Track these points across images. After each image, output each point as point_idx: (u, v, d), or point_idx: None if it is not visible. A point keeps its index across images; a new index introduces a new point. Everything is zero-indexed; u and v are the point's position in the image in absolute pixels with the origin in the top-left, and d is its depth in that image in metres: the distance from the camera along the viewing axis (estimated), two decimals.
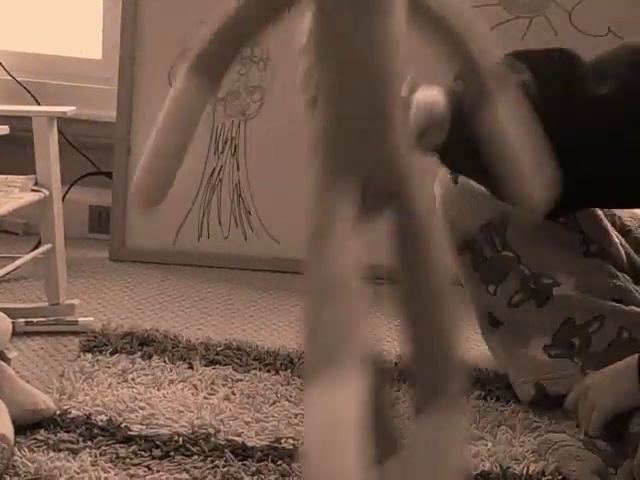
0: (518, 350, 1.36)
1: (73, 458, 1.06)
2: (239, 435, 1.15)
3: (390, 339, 1.47)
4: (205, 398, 1.27)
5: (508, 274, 1.37)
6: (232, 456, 1.09)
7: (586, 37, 2.04)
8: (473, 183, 1.29)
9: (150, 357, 1.40)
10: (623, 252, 1.41)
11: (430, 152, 1.09)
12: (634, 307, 1.33)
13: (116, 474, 1.05)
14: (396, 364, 1.41)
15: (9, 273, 1.61)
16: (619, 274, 1.37)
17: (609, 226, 1.41)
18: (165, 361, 1.39)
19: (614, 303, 1.33)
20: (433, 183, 1.40)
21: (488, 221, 1.37)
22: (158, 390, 1.27)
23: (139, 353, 1.40)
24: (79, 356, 1.39)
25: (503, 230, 1.37)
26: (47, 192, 1.55)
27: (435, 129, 1.02)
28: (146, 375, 1.33)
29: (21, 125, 1.62)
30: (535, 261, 1.36)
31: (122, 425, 1.15)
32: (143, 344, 1.44)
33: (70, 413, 1.17)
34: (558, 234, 1.37)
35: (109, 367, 1.34)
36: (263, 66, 2.06)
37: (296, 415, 1.23)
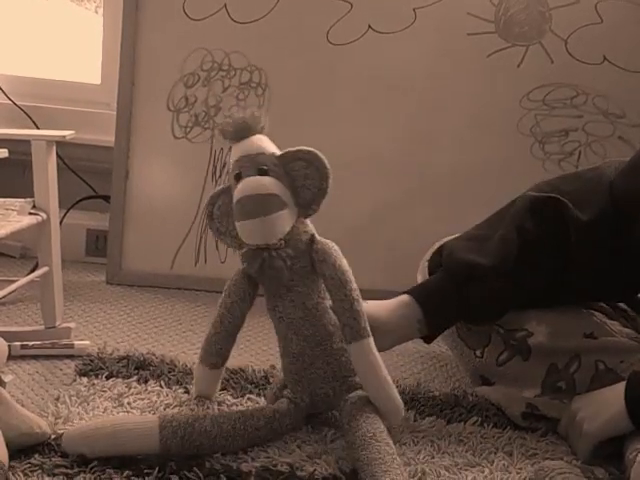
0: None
1: None
2: (235, 460, 1.14)
3: None
4: None
5: (491, 336, 1.42)
6: None
7: (582, 65, 2.06)
8: None
9: (146, 381, 1.39)
10: None
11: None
12: (605, 338, 1.34)
13: None
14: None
15: (6, 296, 1.60)
16: (592, 311, 1.39)
17: None
18: (161, 385, 1.38)
19: (586, 339, 1.34)
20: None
21: None
22: (154, 414, 1.27)
23: (135, 377, 1.40)
24: (75, 380, 1.38)
25: None
26: (45, 215, 1.55)
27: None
28: (142, 399, 1.32)
29: (20, 148, 1.63)
30: (505, 318, 1.40)
31: None
32: (139, 368, 1.44)
33: None
34: None
35: (105, 391, 1.33)
36: (261, 92, 2.07)
37: (294, 439, 1.23)
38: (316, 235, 1.24)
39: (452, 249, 1.38)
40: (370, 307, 1.28)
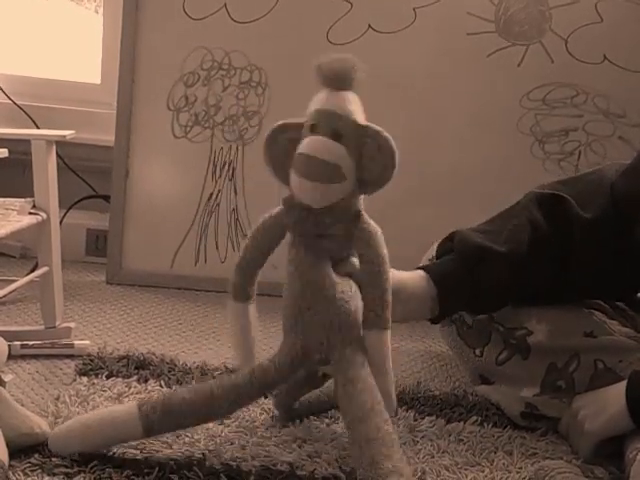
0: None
1: None
2: (234, 459, 1.14)
3: None
4: None
5: (491, 335, 1.42)
6: None
7: (582, 65, 2.06)
8: None
9: (146, 381, 1.39)
10: None
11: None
12: (604, 337, 1.34)
13: None
14: None
15: (5, 296, 1.60)
16: (592, 310, 1.39)
17: None
18: (161, 385, 1.38)
19: (585, 338, 1.34)
20: None
21: None
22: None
23: (135, 377, 1.40)
24: (75, 379, 1.38)
25: None
26: (45, 215, 1.55)
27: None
28: (142, 399, 1.32)
29: (20, 148, 1.63)
30: (505, 316, 1.40)
31: (116, 449, 1.14)
32: (139, 368, 1.44)
33: None
34: None
35: (105, 391, 1.33)
36: (261, 91, 2.07)
37: (294, 439, 1.23)
38: (364, 213, 1.21)
39: (465, 235, 1.38)
40: (398, 276, 1.27)
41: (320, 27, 2.05)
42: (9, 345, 1.42)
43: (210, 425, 1.24)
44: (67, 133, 1.61)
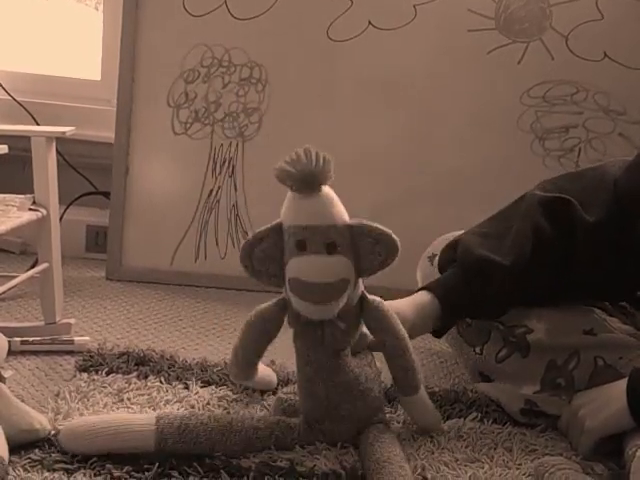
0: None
1: (68, 478, 1.05)
2: (235, 456, 1.14)
3: None
4: None
5: (490, 333, 1.42)
6: (227, 477, 1.09)
7: (582, 62, 2.06)
8: None
9: (146, 377, 1.39)
10: None
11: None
12: (604, 334, 1.34)
13: None
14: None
15: (6, 292, 1.61)
16: (591, 308, 1.39)
17: None
18: (161, 381, 1.38)
19: (585, 335, 1.34)
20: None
21: None
22: (154, 410, 1.27)
23: (135, 373, 1.40)
24: (75, 376, 1.38)
25: None
26: (45, 211, 1.55)
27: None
28: (142, 395, 1.32)
29: (20, 145, 1.63)
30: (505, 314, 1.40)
31: None
32: (139, 364, 1.44)
33: None
34: None
35: (105, 387, 1.33)
36: (261, 88, 2.07)
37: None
38: (365, 293, 1.20)
39: (468, 245, 1.37)
40: (395, 305, 1.28)
41: (320, 24, 2.05)
42: (9, 341, 1.42)
43: None
44: (67, 130, 1.61)
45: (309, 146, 1.10)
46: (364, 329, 1.22)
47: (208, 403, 1.32)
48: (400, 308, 1.29)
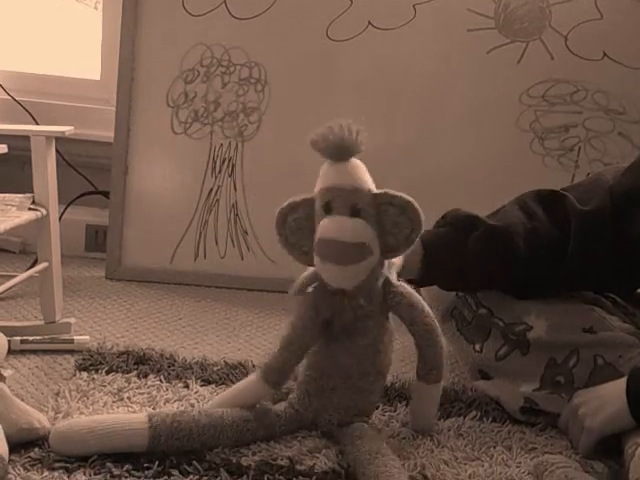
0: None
1: (67, 477, 1.05)
2: (234, 454, 1.14)
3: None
4: None
5: (490, 330, 1.43)
6: (227, 475, 1.09)
7: (582, 61, 2.06)
8: None
9: (146, 376, 1.39)
10: None
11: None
12: (604, 332, 1.34)
13: None
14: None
15: (5, 291, 1.60)
16: (592, 306, 1.40)
17: None
18: (161, 380, 1.38)
19: (585, 333, 1.35)
20: None
21: None
22: (154, 409, 1.27)
23: (135, 372, 1.40)
24: (74, 375, 1.38)
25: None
26: (44, 211, 1.55)
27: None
28: (142, 394, 1.32)
29: (19, 144, 1.63)
30: (505, 311, 1.41)
31: None
32: (139, 363, 1.44)
33: None
34: None
35: (105, 386, 1.33)
36: (261, 88, 2.07)
37: (294, 436, 1.23)
38: (390, 278, 1.20)
39: (457, 209, 1.41)
40: None
41: (320, 23, 2.05)
42: (9, 340, 1.42)
43: None
44: (66, 129, 1.61)
45: (346, 120, 1.14)
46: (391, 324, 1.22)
47: (208, 402, 1.32)
48: None
